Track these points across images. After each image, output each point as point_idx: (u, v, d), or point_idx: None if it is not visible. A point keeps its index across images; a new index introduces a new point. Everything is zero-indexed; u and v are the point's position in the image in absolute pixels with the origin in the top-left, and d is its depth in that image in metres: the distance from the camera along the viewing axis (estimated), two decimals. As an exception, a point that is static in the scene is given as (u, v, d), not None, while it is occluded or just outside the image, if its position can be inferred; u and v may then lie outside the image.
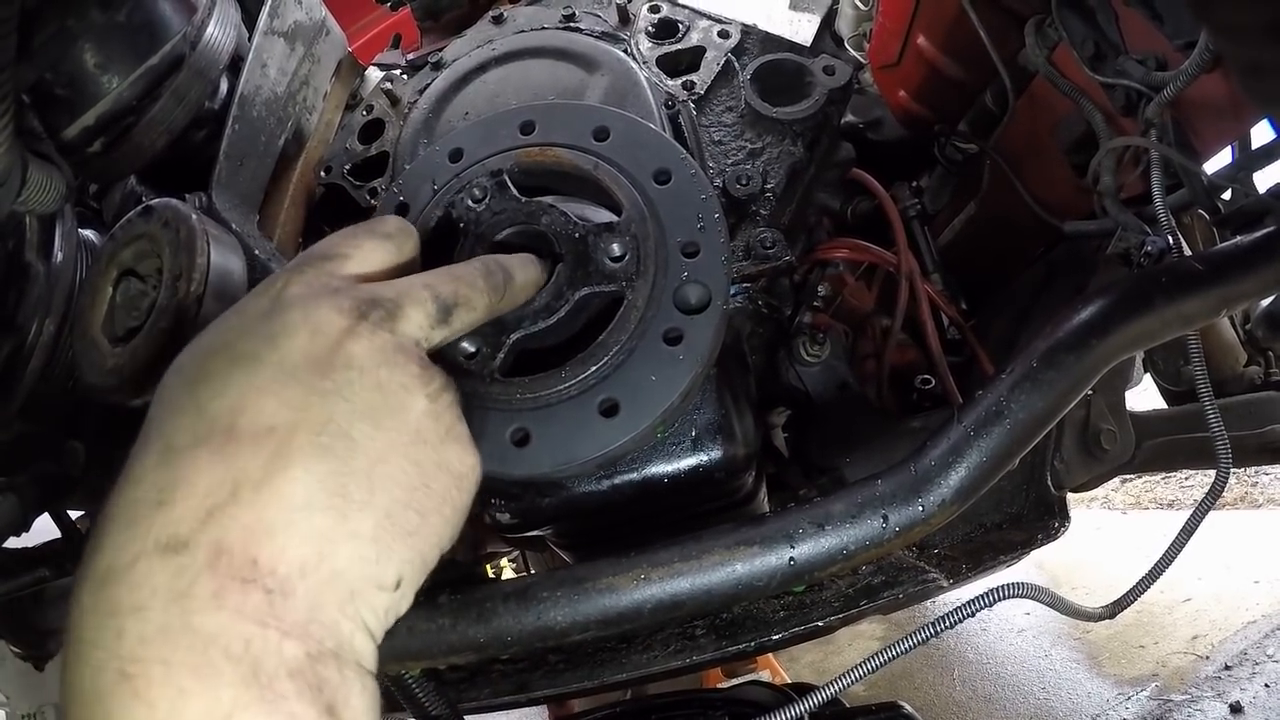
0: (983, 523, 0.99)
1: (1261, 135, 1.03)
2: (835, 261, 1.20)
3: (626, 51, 1.08)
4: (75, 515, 1.24)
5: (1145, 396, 1.44)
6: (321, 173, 1.14)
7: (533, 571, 1.91)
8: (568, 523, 0.89)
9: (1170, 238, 0.90)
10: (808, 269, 1.18)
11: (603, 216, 0.74)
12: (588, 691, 0.97)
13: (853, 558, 0.69)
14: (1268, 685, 2.27)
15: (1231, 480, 0.93)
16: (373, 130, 1.16)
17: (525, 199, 0.74)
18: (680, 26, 1.13)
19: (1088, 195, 1.08)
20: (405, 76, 1.24)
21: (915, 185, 1.39)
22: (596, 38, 1.10)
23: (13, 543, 1.14)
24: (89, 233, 1.08)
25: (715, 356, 0.69)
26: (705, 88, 1.06)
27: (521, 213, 0.73)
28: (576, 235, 0.71)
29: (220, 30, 1.02)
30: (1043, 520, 0.98)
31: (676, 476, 0.82)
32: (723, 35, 1.11)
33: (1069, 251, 1.23)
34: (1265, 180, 1.00)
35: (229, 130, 1.01)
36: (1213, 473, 0.90)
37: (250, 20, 1.09)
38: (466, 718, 0.89)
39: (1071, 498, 1.03)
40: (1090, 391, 0.78)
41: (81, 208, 1.12)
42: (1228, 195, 1.02)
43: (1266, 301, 1.40)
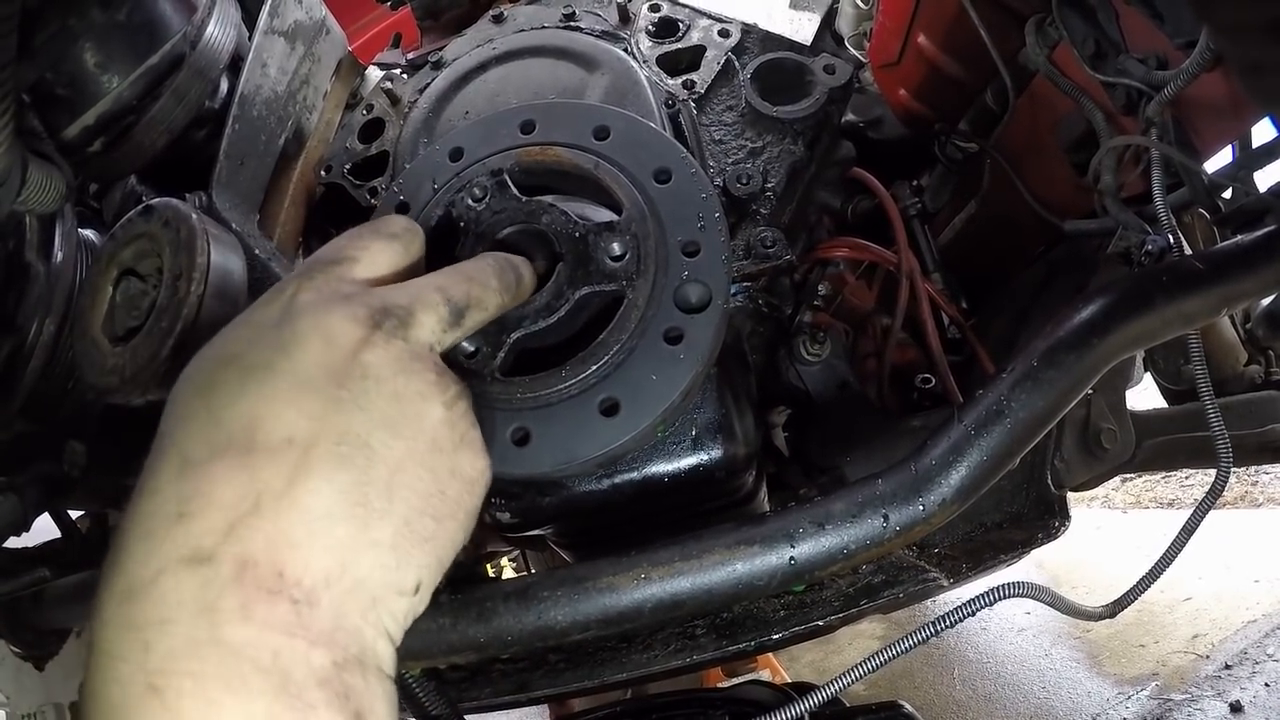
0: (983, 522, 0.99)
1: (1262, 134, 1.04)
2: (836, 260, 1.19)
3: (627, 50, 1.08)
4: (75, 515, 1.24)
5: (1146, 395, 1.44)
6: (322, 172, 1.14)
7: (533, 571, 1.91)
8: (568, 522, 0.89)
9: (1171, 237, 0.90)
10: (808, 268, 1.18)
11: (603, 216, 0.74)
12: (588, 691, 0.97)
13: (853, 557, 0.69)
14: (1268, 684, 2.27)
15: (1232, 479, 0.93)
16: (373, 129, 1.16)
17: (525, 198, 0.74)
18: (680, 25, 1.13)
19: (1088, 194, 1.08)
20: (405, 76, 1.24)
21: (916, 184, 1.39)
22: (597, 37, 1.10)
23: (13, 542, 1.14)
24: (89, 232, 1.08)
25: (716, 356, 0.69)
26: (705, 87, 1.06)
27: (522, 212, 0.73)
28: (577, 234, 0.71)
29: (220, 29, 1.02)
30: (1043, 519, 0.98)
31: (677, 476, 0.82)
32: (723, 34, 1.11)
33: (1069, 250, 1.23)
34: (1266, 179, 1.00)
35: (229, 130, 1.01)
36: (1213, 472, 0.90)
37: (250, 20, 1.09)
38: (467, 717, 0.89)
39: (1072, 497, 1.03)
40: (1091, 390, 0.78)
41: (82, 207, 1.12)
42: (1228, 194, 1.02)
43: (1267, 300, 1.40)
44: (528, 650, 0.89)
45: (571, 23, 1.15)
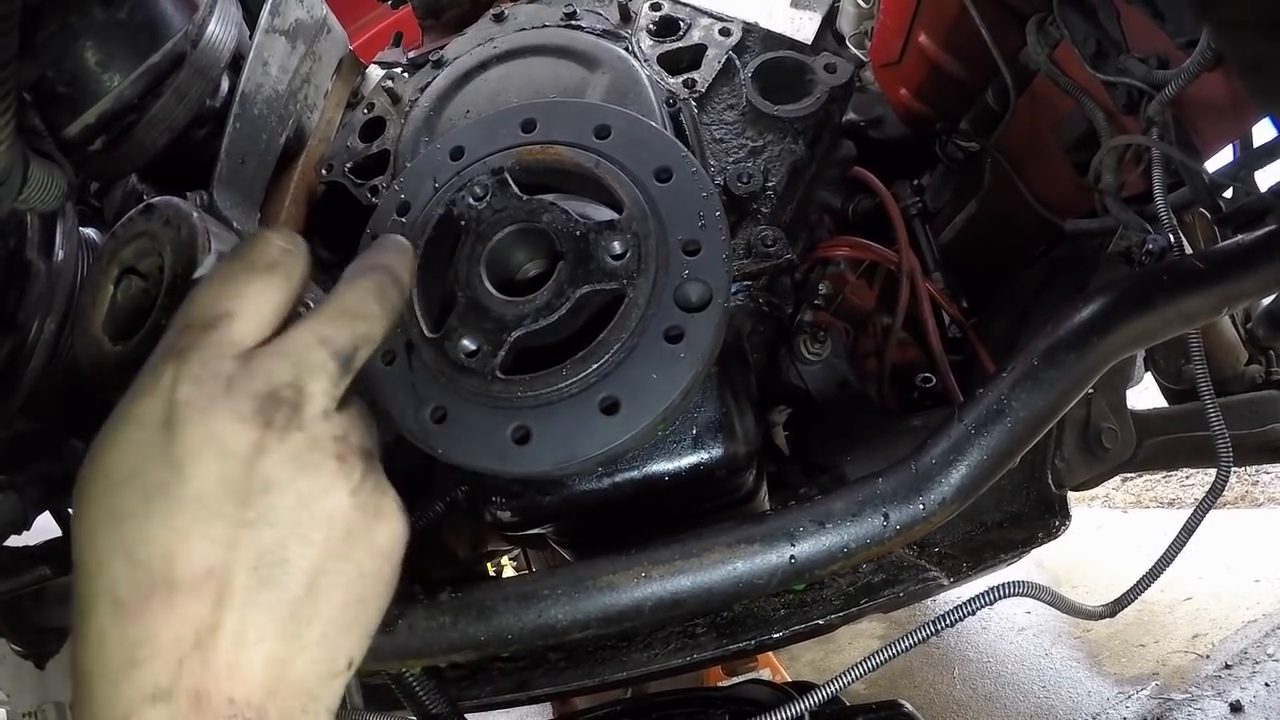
0: (983, 521, 0.99)
1: (1263, 133, 1.03)
2: (836, 260, 1.19)
3: (628, 49, 1.08)
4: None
5: (1146, 395, 1.44)
6: (323, 171, 1.14)
7: (534, 569, 1.91)
8: (568, 520, 0.90)
9: (1171, 236, 0.90)
10: (809, 267, 1.18)
11: (604, 214, 0.74)
12: (588, 690, 0.97)
13: (853, 556, 0.70)
14: (1268, 684, 2.27)
15: (1232, 479, 0.93)
16: (374, 128, 1.16)
17: (526, 197, 0.74)
18: (681, 24, 1.13)
19: (1089, 193, 1.08)
20: (406, 74, 1.24)
21: (916, 183, 1.39)
22: (598, 35, 1.10)
23: (13, 541, 1.14)
24: (90, 231, 1.08)
25: (716, 354, 0.69)
26: (706, 85, 1.06)
27: (522, 211, 0.73)
28: (577, 233, 0.71)
29: (222, 28, 1.02)
30: (1043, 518, 0.98)
31: (677, 474, 0.82)
32: (724, 33, 1.11)
33: (1070, 250, 1.23)
34: (1266, 178, 1.00)
35: (230, 128, 1.01)
36: (1213, 471, 0.90)
37: (251, 18, 1.09)
38: (467, 716, 0.89)
39: (1072, 496, 1.03)
40: (1091, 390, 0.78)
41: (83, 206, 1.12)
42: (1229, 193, 1.02)
43: (1268, 300, 1.40)
44: (528, 649, 0.89)
45: (572, 21, 1.15)
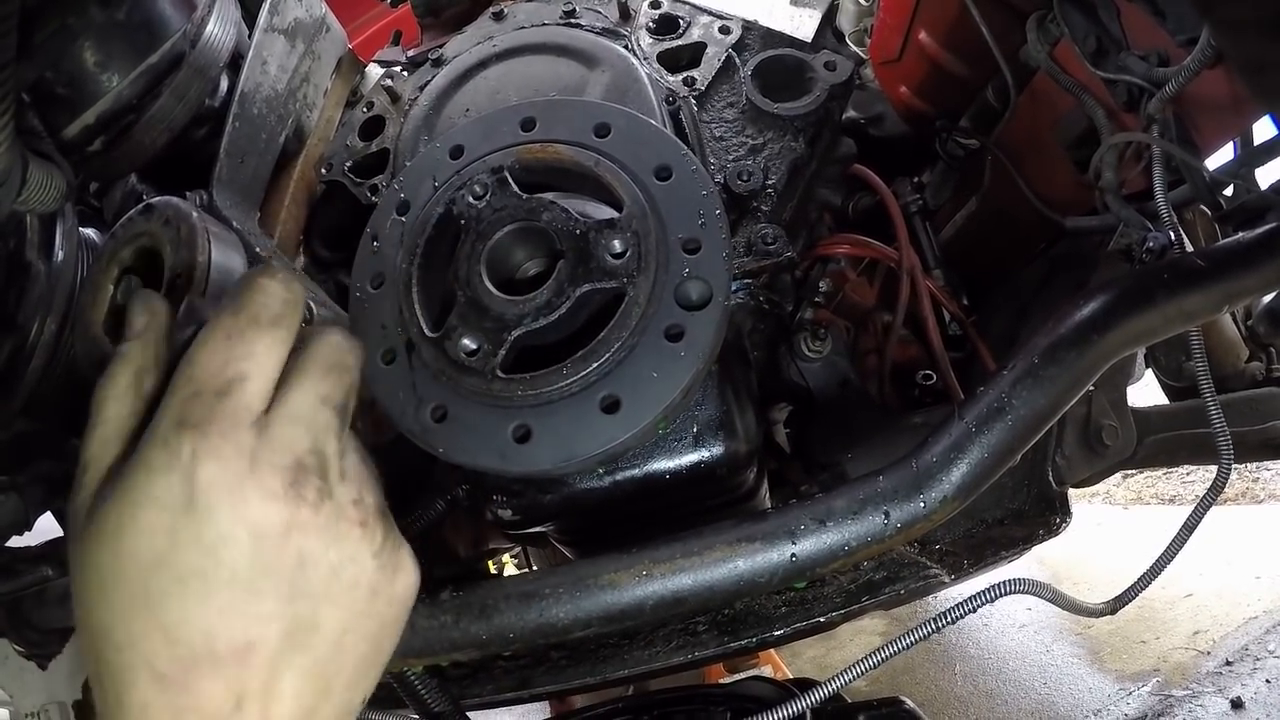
0: (984, 518, 0.99)
1: (1263, 131, 1.03)
2: (837, 257, 1.19)
3: (627, 47, 1.07)
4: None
5: (1147, 392, 1.43)
6: (322, 170, 1.14)
7: (535, 568, 1.91)
8: (569, 519, 0.90)
9: (1172, 233, 0.90)
10: (809, 265, 1.18)
11: (604, 213, 0.74)
12: (590, 688, 0.97)
13: (854, 554, 0.70)
14: (1269, 681, 2.27)
15: (1233, 476, 0.94)
16: (373, 127, 1.16)
17: (526, 195, 0.74)
18: (681, 22, 1.13)
19: (1089, 191, 1.08)
20: (406, 73, 1.24)
21: (917, 181, 1.39)
22: (597, 34, 1.10)
23: (15, 541, 1.14)
24: (90, 231, 1.08)
25: (717, 353, 0.69)
26: (706, 84, 1.06)
27: (522, 209, 0.73)
28: (577, 231, 0.71)
29: (220, 28, 1.02)
30: (1044, 516, 0.98)
31: (678, 473, 0.82)
32: (724, 31, 1.11)
33: (1071, 247, 1.23)
34: (1267, 176, 1.00)
35: (229, 128, 1.00)
36: (1214, 468, 0.90)
37: (250, 18, 1.09)
38: (470, 714, 0.89)
39: (1073, 493, 1.03)
40: (1092, 387, 0.78)
41: (82, 206, 1.12)
42: (1230, 191, 1.02)
43: (1268, 297, 1.40)
44: (530, 647, 0.89)
45: (572, 19, 1.14)
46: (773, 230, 0.93)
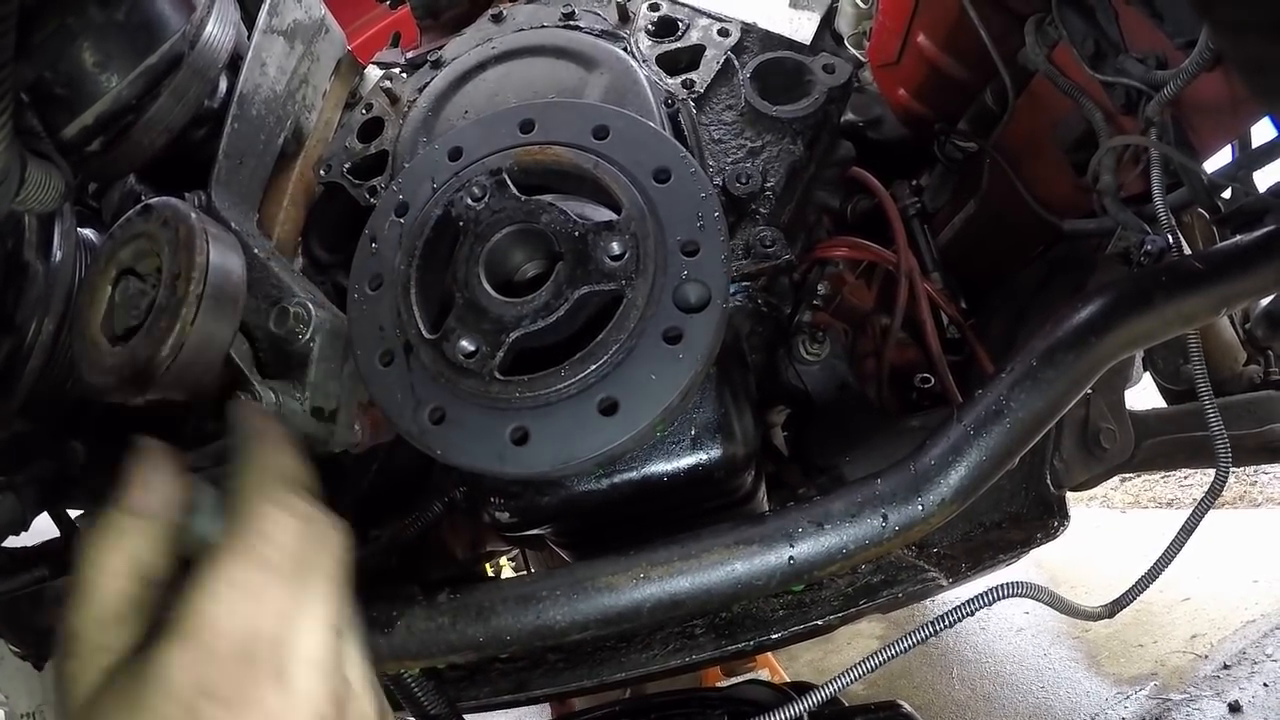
0: (982, 521, 0.99)
1: (1261, 134, 1.03)
2: (835, 260, 1.19)
3: (626, 50, 1.07)
4: (75, 515, 1.24)
5: (1145, 395, 1.43)
6: (321, 171, 1.14)
7: (532, 570, 1.91)
8: (567, 521, 0.89)
9: (1170, 236, 0.90)
10: (807, 267, 1.18)
11: (602, 215, 0.74)
12: (587, 690, 0.97)
13: (852, 557, 0.70)
14: (1266, 684, 2.27)
15: (1230, 479, 0.93)
16: (372, 129, 1.16)
17: (524, 197, 0.74)
18: (680, 25, 1.13)
19: (1087, 194, 1.08)
20: (404, 75, 1.24)
21: (915, 184, 1.39)
22: (596, 36, 1.10)
23: (12, 541, 1.14)
24: (88, 232, 1.08)
25: (715, 355, 0.69)
26: (705, 86, 1.06)
27: (521, 211, 0.73)
28: (576, 233, 0.71)
29: (219, 29, 1.02)
30: (1042, 519, 0.98)
31: (676, 475, 0.82)
32: (722, 33, 1.11)
33: (1069, 250, 1.23)
34: (1265, 179, 1.00)
35: (228, 129, 1.00)
36: (1212, 472, 0.90)
37: (249, 19, 1.09)
38: (466, 716, 0.89)
39: (1070, 496, 1.03)
40: (1090, 390, 0.78)
41: (80, 207, 1.12)
42: (1228, 194, 1.02)
43: (1266, 300, 1.40)
44: (527, 650, 0.88)
45: (571, 22, 1.15)
46: (771, 233, 0.93)
